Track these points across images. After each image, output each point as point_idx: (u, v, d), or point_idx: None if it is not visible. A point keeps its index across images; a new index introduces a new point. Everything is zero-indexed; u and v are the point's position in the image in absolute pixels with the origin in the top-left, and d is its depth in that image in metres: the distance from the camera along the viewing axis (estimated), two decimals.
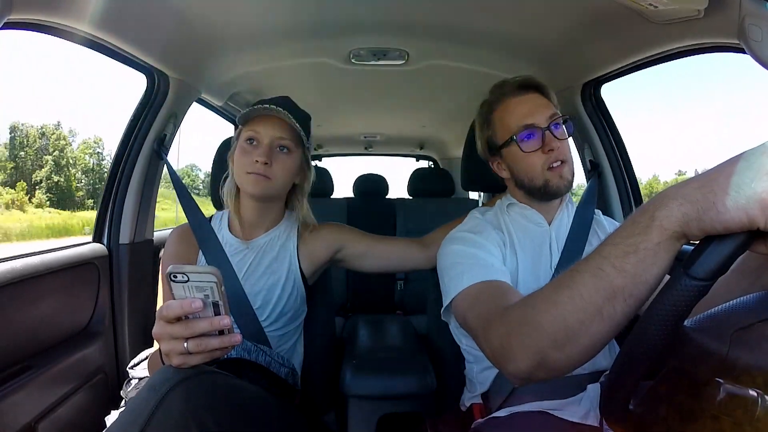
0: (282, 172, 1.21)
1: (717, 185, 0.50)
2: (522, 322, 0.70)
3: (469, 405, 1.22)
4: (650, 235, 0.54)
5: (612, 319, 0.58)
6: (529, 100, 1.13)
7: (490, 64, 1.86)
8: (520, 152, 1.11)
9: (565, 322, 0.62)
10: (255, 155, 1.17)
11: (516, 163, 1.14)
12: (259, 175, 1.17)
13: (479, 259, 1.02)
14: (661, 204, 0.54)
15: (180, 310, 0.74)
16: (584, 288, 0.60)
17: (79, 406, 1.41)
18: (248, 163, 1.18)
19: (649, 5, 1.11)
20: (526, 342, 0.67)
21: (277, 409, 1.05)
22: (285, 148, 1.21)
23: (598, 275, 0.58)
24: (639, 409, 0.60)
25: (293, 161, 1.24)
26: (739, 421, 0.48)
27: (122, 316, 1.64)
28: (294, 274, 1.30)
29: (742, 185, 0.48)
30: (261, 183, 1.18)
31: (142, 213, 1.70)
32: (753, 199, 0.47)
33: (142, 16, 1.31)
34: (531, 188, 1.13)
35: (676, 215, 0.52)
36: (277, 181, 1.21)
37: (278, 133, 1.19)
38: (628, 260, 0.56)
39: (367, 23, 1.58)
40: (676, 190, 0.53)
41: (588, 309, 0.60)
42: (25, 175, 47.70)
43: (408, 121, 3.20)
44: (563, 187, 1.11)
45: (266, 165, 1.17)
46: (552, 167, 1.09)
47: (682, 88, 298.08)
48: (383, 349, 1.74)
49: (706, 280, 0.50)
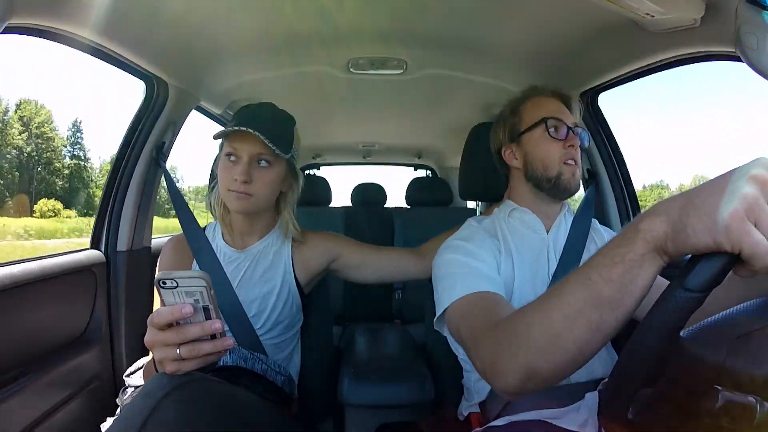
0: (263, 188, 1.20)
1: (693, 207, 0.51)
2: (510, 335, 0.71)
3: (467, 414, 1.21)
4: (635, 246, 0.56)
5: (599, 328, 0.59)
6: (559, 104, 1.20)
7: (488, 73, 1.87)
8: (545, 137, 1.15)
9: (554, 331, 0.63)
10: (235, 173, 1.16)
11: (535, 149, 1.17)
12: (239, 193, 1.17)
13: (472, 269, 1.02)
14: (647, 218, 0.55)
15: (170, 316, 0.74)
16: (572, 296, 0.61)
17: (74, 413, 1.40)
18: (229, 180, 1.17)
19: (646, 15, 1.12)
20: (514, 354, 0.68)
21: (273, 416, 1.04)
22: (265, 161, 1.19)
23: (585, 284, 0.60)
24: (637, 418, 0.59)
25: (276, 173, 1.22)
26: (738, 428, 0.48)
27: (119, 323, 1.63)
28: (289, 283, 1.30)
29: (714, 209, 0.49)
30: (242, 200, 1.18)
31: (140, 220, 1.70)
32: (720, 224, 0.48)
33: (142, 23, 1.32)
34: (543, 178, 1.15)
35: (658, 231, 0.54)
36: (258, 196, 1.19)
37: (257, 149, 1.17)
38: (615, 270, 0.57)
39: (366, 33, 1.58)
40: (663, 206, 0.55)
41: (576, 317, 0.61)
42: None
43: (406, 130, 3.20)
44: (572, 186, 1.15)
45: (246, 183, 1.16)
46: (567, 163, 1.13)
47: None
48: (381, 358, 1.73)
49: (700, 292, 0.51)
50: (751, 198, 0.48)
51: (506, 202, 1.24)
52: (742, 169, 0.51)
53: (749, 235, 0.47)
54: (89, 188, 60.06)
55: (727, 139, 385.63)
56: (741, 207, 0.48)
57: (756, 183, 0.49)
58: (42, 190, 55.42)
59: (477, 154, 1.39)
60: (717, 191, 0.50)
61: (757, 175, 0.50)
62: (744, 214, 0.48)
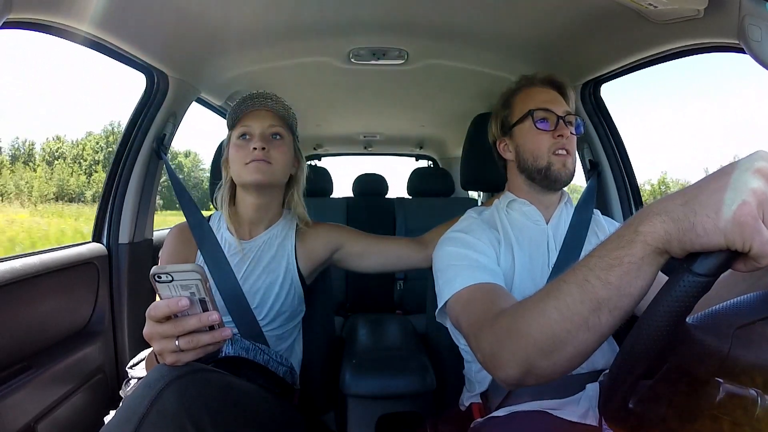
0: (281, 157, 1.23)
1: (698, 204, 0.50)
2: (510, 330, 0.71)
3: (469, 404, 1.22)
4: (634, 249, 0.55)
5: (597, 329, 0.60)
6: (551, 93, 1.19)
7: (489, 63, 1.86)
8: (533, 129, 1.15)
9: (552, 332, 0.63)
10: (251, 145, 1.20)
11: (525, 141, 1.17)
12: (259, 161, 1.19)
13: (471, 261, 1.02)
14: (646, 219, 0.54)
15: (167, 309, 0.75)
16: (570, 298, 0.61)
17: (78, 406, 1.41)
18: (246, 155, 1.20)
19: (649, 5, 1.11)
20: (514, 350, 0.69)
21: (275, 407, 1.05)
22: (278, 135, 1.24)
23: (583, 286, 0.60)
24: (638, 409, 0.60)
25: (288, 147, 1.26)
26: (739, 420, 0.48)
27: (121, 315, 1.64)
28: (291, 274, 1.30)
29: (722, 206, 0.48)
30: (262, 168, 1.20)
31: (141, 212, 1.70)
32: (731, 222, 0.47)
33: (141, 15, 1.31)
34: (533, 170, 1.16)
35: (659, 232, 0.53)
36: (277, 165, 1.22)
37: (269, 122, 1.23)
38: (613, 273, 0.57)
39: (367, 23, 1.58)
40: (662, 206, 0.53)
41: (574, 319, 0.61)
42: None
43: (407, 120, 3.19)
44: (563, 176, 1.14)
45: (264, 150, 1.19)
46: (557, 153, 1.13)
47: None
48: (383, 348, 1.74)
49: (708, 276, 0.50)
50: (760, 192, 0.47)
51: (506, 194, 1.25)
52: (744, 163, 0.50)
53: (760, 234, 0.47)
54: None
55: (728, 131, 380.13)
56: (752, 203, 0.47)
57: (762, 176, 0.48)
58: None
59: (478, 144, 1.38)
60: (721, 187, 0.49)
61: (763, 167, 0.49)
62: (756, 212, 0.47)
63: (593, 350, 0.63)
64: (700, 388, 0.52)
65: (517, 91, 1.24)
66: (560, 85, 1.22)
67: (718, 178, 0.50)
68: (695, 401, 0.52)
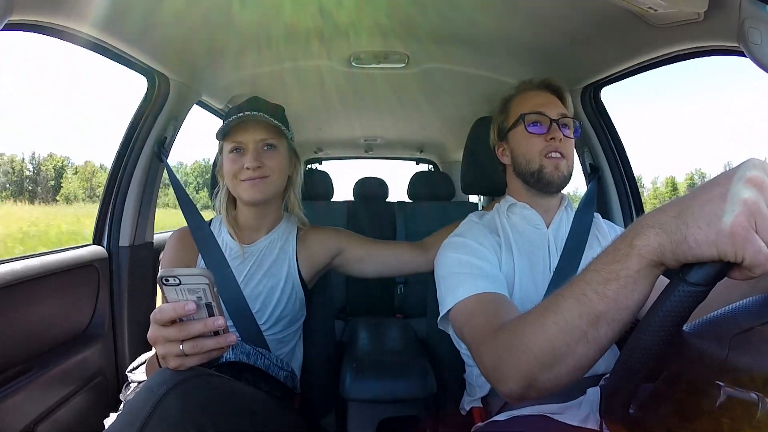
0: (276, 167, 1.23)
1: (691, 216, 0.50)
2: (511, 345, 0.72)
3: (469, 409, 1.22)
4: (629, 262, 0.56)
5: (596, 342, 0.60)
6: (546, 96, 1.20)
7: (490, 67, 1.86)
8: (525, 133, 1.15)
9: (552, 346, 0.64)
10: (245, 162, 1.19)
11: (518, 145, 1.18)
12: (254, 179, 1.19)
13: (474, 268, 1.02)
14: (640, 232, 0.55)
15: (173, 313, 0.74)
16: (569, 313, 0.62)
17: (78, 408, 1.40)
18: (239, 170, 1.20)
19: (649, 8, 1.11)
20: (515, 365, 0.70)
21: (276, 411, 1.05)
22: (271, 146, 1.23)
23: (581, 301, 0.60)
24: (639, 413, 0.60)
25: (282, 155, 1.26)
26: (739, 424, 0.48)
27: (122, 319, 1.63)
28: (293, 278, 1.30)
29: (714, 218, 0.48)
30: (258, 186, 1.20)
31: (142, 215, 1.70)
32: (723, 233, 0.48)
33: (142, 17, 1.31)
34: (527, 173, 1.16)
35: (653, 245, 0.53)
36: (273, 175, 1.23)
37: (260, 135, 1.21)
38: (610, 287, 0.57)
39: (368, 27, 1.58)
40: (655, 218, 0.54)
41: (573, 333, 0.62)
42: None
43: (408, 124, 3.19)
44: (557, 179, 1.14)
45: (258, 168, 1.19)
46: (549, 156, 1.13)
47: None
48: (383, 352, 1.73)
49: (703, 286, 0.50)
50: (751, 203, 0.48)
51: (506, 198, 1.25)
52: (736, 173, 0.50)
53: (752, 244, 0.47)
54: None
55: (727, 134, 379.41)
56: (743, 214, 0.47)
57: (753, 186, 0.48)
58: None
59: (479, 148, 1.38)
60: (713, 198, 0.50)
61: (754, 177, 0.49)
62: (747, 222, 0.47)
63: (594, 362, 0.63)
64: (700, 391, 0.52)
65: (513, 96, 1.25)
66: (556, 88, 1.23)
67: (709, 188, 0.51)
68: (696, 404, 0.52)
